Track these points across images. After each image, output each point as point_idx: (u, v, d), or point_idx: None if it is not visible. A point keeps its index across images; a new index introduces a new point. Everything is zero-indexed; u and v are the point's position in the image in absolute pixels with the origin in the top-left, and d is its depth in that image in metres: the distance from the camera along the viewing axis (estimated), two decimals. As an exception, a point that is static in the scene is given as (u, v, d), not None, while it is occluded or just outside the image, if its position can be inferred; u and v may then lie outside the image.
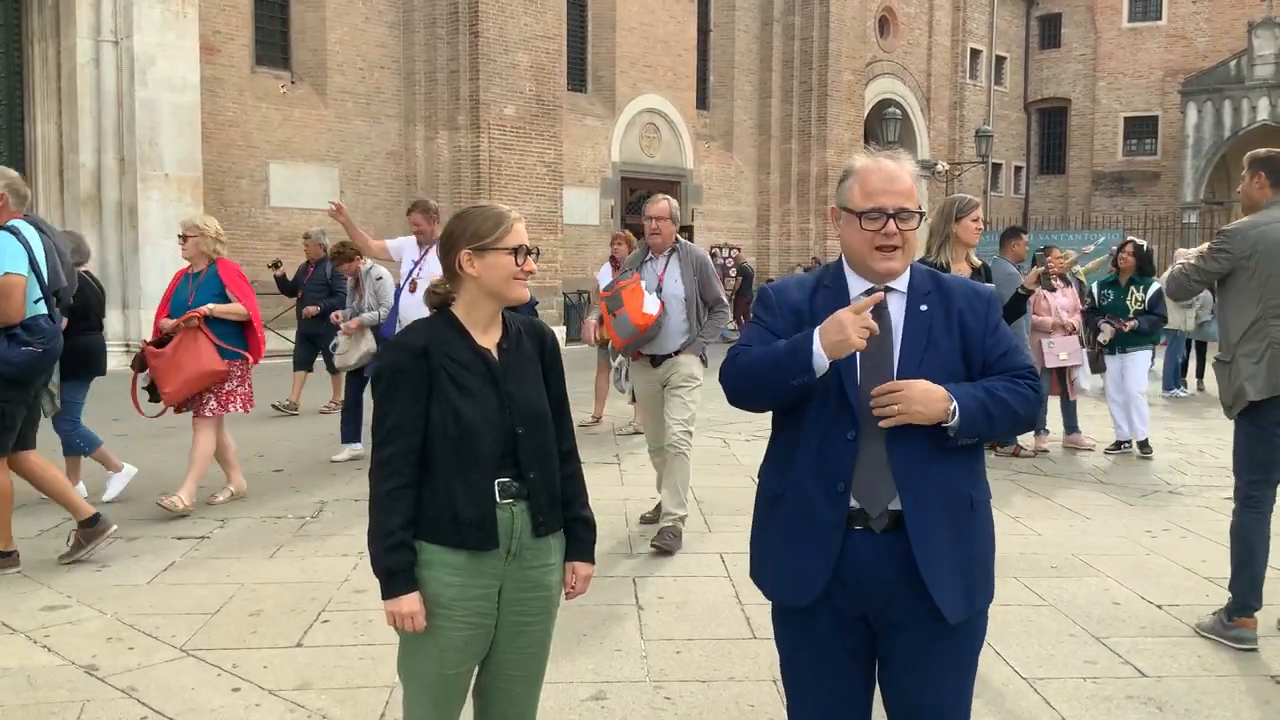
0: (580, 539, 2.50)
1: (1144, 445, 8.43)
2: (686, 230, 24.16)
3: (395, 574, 2.28)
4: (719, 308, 5.72)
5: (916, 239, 2.25)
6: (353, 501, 6.42)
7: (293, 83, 17.91)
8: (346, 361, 7.84)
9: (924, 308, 2.22)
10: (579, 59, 22.53)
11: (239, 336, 6.33)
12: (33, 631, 4.23)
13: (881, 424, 2.11)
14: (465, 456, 2.30)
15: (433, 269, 6.93)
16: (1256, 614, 4.19)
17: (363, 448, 7.77)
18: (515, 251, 2.37)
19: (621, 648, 4.12)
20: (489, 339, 2.41)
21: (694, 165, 24.72)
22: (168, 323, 6.24)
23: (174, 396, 6.16)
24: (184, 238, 6.37)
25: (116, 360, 14.40)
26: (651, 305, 5.46)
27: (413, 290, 7.09)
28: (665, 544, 5.42)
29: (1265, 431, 4.18)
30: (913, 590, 2.14)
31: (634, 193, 23.71)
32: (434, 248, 7.15)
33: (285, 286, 10.71)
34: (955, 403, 2.10)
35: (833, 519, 2.16)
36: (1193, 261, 4.44)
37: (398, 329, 7.31)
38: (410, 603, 2.27)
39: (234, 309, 6.24)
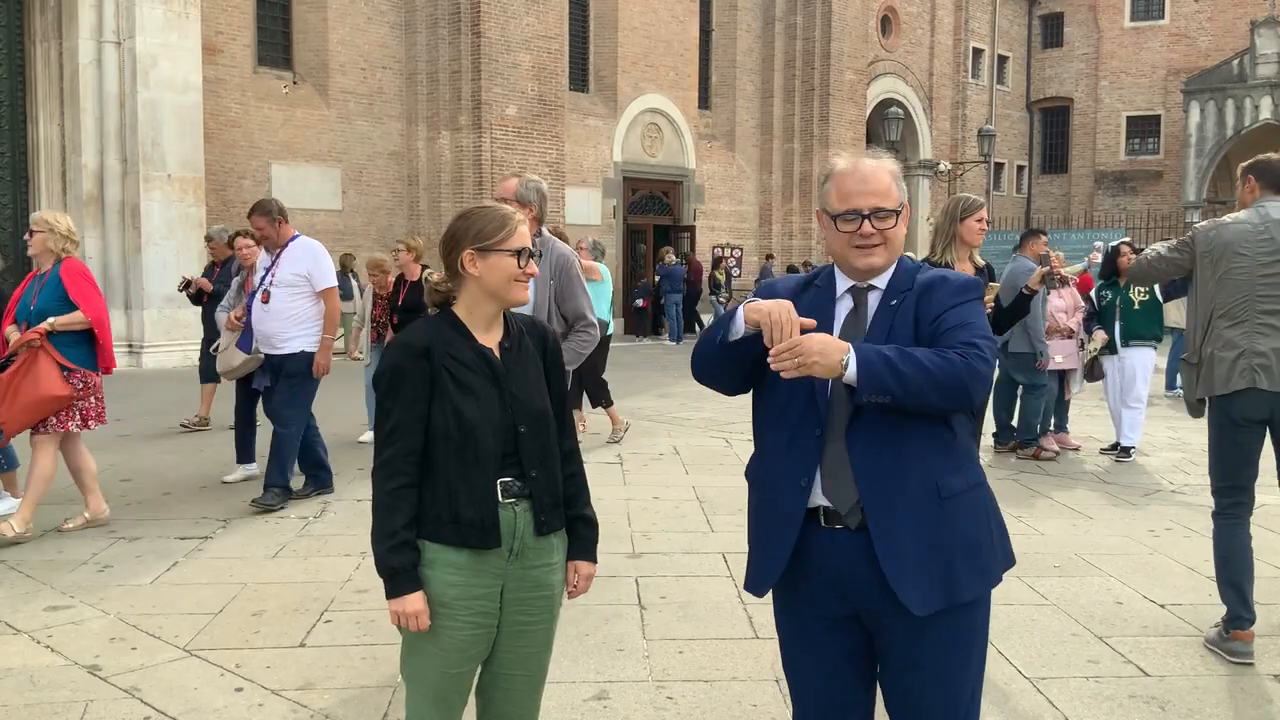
0: (582, 538, 2.50)
1: (1124, 450, 8.33)
2: (688, 230, 24.25)
3: (399, 573, 2.28)
4: (581, 325, 4.29)
5: (900, 235, 2.26)
6: (355, 502, 6.42)
7: (295, 83, 17.92)
8: (230, 363, 6.89)
9: (894, 302, 2.24)
10: (581, 59, 22.54)
11: (87, 347, 5.68)
12: (36, 631, 4.24)
13: (784, 375, 2.08)
14: (467, 456, 2.30)
15: (285, 276, 6.28)
16: (1252, 626, 4.08)
17: (256, 469, 6.99)
18: (518, 254, 2.38)
19: (624, 647, 4.12)
20: (490, 338, 2.41)
21: (696, 165, 24.71)
22: (12, 333, 5.64)
23: (12, 426, 5.54)
24: (31, 233, 5.71)
25: (122, 361, 14.48)
26: None
27: (265, 301, 6.29)
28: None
29: (1228, 429, 4.15)
30: (887, 586, 2.13)
31: (636, 193, 23.74)
32: (285, 252, 6.31)
33: (197, 298, 9.67)
34: (851, 351, 2.05)
35: (790, 512, 2.19)
36: (1161, 251, 4.46)
37: (254, 344, 6.45)
38: (414, 602, 2.28)
39: (73, 319, 5.57)
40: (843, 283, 2.30)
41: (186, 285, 9.33)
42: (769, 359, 2.08)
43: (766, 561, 2.25)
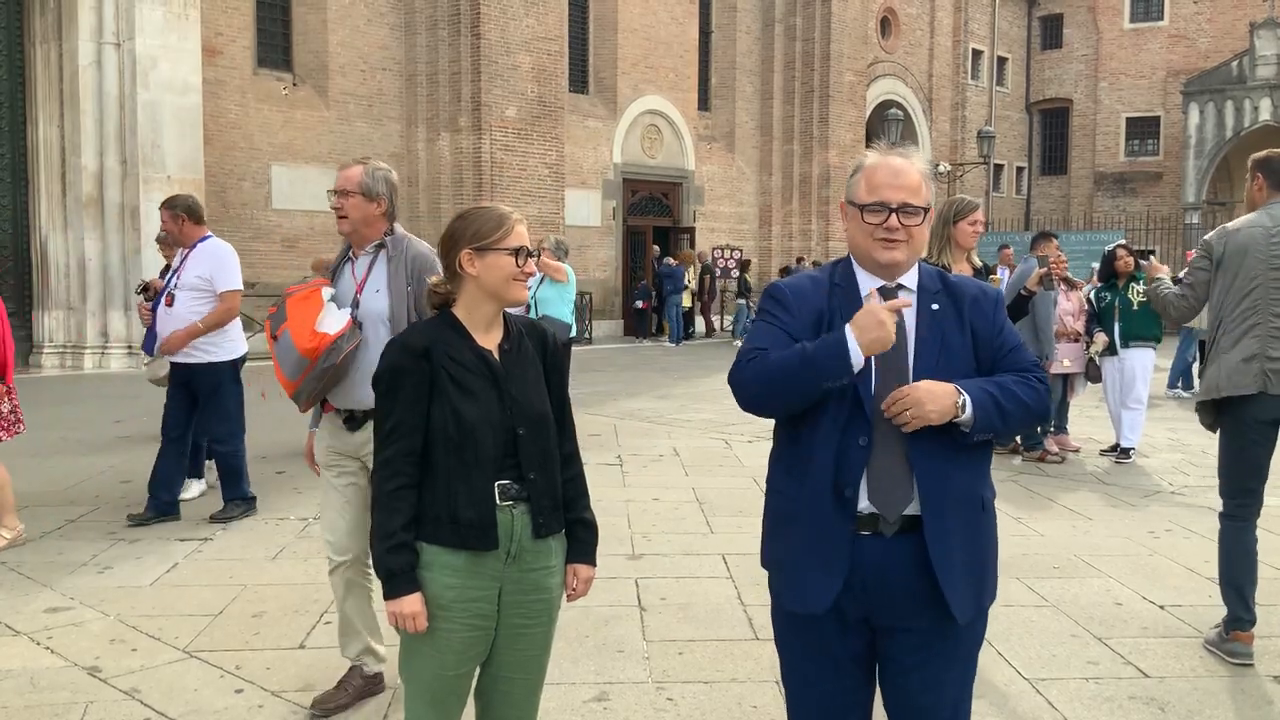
0: (581, 541, 2.50)
1: (1124, 451, 8.33)
2: (687, 232, 24.23)
3: (397, 575, 2.28)
4: None
5: (924, 235, 2.24)
6: (355, 503, 6.40)
7: (294, 85, 17.93)
8: (156, 373, 6.55)
9: (935, 306, 2.22)
10: (580, 61, 22.56)
11: None
12: (36, 633, 4.24)
13: (905, 429, 2.10)
14: (466, 458, 2.31)
15: (188, 279, 5.91)
16: (1253, 627, 4.08)
17: (206, 485, 6.77)
18: (516, 253, 2.38)
19: (624, 649, 4.12)
20: (490, 340, 2.41)
21: (695, 166, 24.73)
22: None
23: None
24: None
25: (119, 363, 14.48)
26: (332, 322, 3.46)
27: (169, 304, 5.92)
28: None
29: (1239, 432, 4.14)
30: (923, 592, 2.14)
31: (635, 194, 23.75)
32: (192, 253, 5.93)
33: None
34: (965, 395, 2.09)
35: (841, 526, 2.15)
36: (1176, 289, 4.39)
37: (156, 347, 6.10)
38: (412, 603, 2.28)
39: None
40: (868, 280, 2.24)
41: (145, 288, 9.18)
42: (885, 414, 2.11)
43: (819, 580, 2.17)
